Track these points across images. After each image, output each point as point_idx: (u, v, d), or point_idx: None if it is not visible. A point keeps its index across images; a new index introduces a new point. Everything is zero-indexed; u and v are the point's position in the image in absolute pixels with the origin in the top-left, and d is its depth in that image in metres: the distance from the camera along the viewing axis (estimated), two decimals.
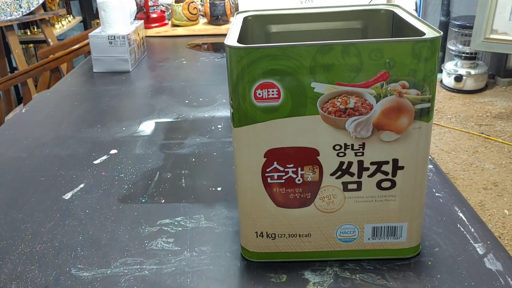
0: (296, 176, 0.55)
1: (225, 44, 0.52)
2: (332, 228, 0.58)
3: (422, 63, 0.50)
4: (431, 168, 0.81)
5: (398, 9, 0.65)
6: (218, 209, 0.72)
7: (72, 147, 0.94)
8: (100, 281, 0.59)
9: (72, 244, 0.66)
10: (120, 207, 0.74)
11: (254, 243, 0.60)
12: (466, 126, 2.81)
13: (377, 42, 0.50)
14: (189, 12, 1.84)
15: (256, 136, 0.54)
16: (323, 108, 0.52)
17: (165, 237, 0.67)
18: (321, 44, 0.50)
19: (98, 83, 1.32)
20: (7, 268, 0.62)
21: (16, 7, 2.45)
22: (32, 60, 3.11)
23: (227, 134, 0.97)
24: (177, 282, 0.59)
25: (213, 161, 0.87)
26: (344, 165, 0.55)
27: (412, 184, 0.56)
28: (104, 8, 1.37)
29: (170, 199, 0.76)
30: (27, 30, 2.98)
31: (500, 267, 0.58)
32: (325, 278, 0.58)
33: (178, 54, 1.60)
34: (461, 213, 0.69)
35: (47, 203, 0.76)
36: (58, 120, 1.08)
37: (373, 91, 0.51)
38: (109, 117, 1.08)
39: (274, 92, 0.51)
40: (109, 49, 1.36)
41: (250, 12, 0.68)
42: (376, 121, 0.52)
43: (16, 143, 0.96)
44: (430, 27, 0.55)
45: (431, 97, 0.52)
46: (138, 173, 0.84)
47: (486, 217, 2.05)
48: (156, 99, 1.18)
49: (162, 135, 0.98)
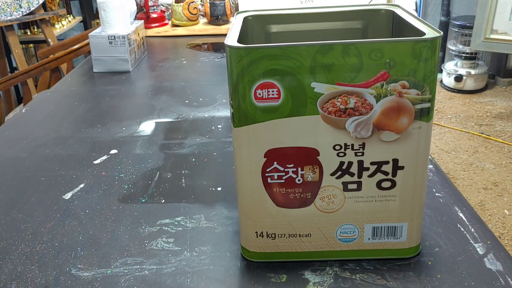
0: (296, 176, 0.55)
1: (225, 44, 0.52)
2: (332, 228, 0.58)
3: (422, 63, 0.50)
4: (431, 168, 0.81)
5: (398, 9, 0.65)
6: (218, 209, 0.72)
7: (72, 147, 0.94)
8: (100, 281, 0.59)
9: (72, 244, 0.66)
10: (120, 207, 0.74)
11: (254, 243, 0.60)
12: (466, 126, 2.81)
13: (377, 42, 0.50)
14: (189, 12, 1.84)
15: (256, 136, 0.54)
16: (323, 108, 0.52)
17: (165, 237, 0.67)
18: (321, 44, 0.50)
19: (98, 83, 1.32)
20: (7, 268, 0.62)
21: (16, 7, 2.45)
22: (32, 60, 3.11)
23: (227, 134, 0.97)
24: (177, 282, 0.59)
25: (213, 161, 0.87)
26: (344, 165, 0.55)
27: (412, 184, 0.56)
28: (104, 8, 1.37)
29: (170, 199, 0.76)
30: (27, 30, 2.98)
31: (500, 267, 0.58)
32: (325, 278, 0.58)
33: (178, 54, 1.60)
34: (461, 213, 0.69)
35: (47, 203, 0.76)
36: (58, 120, 1.08)
37: (373, 91, 0.51)
38: (109, 117, 1.08)
39: (274, 92, 0.51)
40: (109, 49, 1.36)
41: (250, 12, 0.68)
42: (376, 121, 0.52)
43: (16, 143, 0.97)
44: (430, 27, 0.55)
45: (431, 97, 0.52)
46: (138, 173, 0.84)
47: (486, 217, 2.05)
48: (156, 99, 1.18)
49: (162, 135, 0.98)
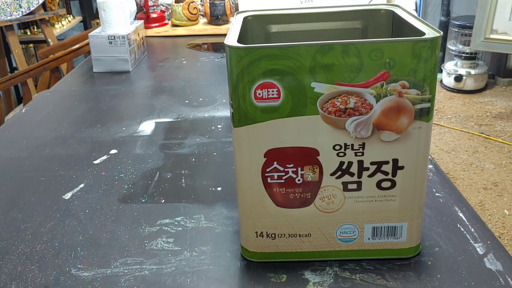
0: (296, 176, 0.55)
1: (225, 44, 0.52)
2: (332, 228, 0.58)
3: (422, 63, 0.50)
4: (431, 168, 0.81)
5: (398, 9, 0.65)
6: (218, 209, 0.72)
7: (72, 147, 0.94)
8: (100, 281, 0.59)
9: (72, 244, 0.66)
10: (120, 207, 0.74)
11: (254, 243, 0.60)
12: (466, 126, 2.81)
13: (377, 42, 0.50)
14: (189, 12, 1.84)
15: (256, 136, 0.54)
16: (323, 108, 0.52)
17: (165, 237, 0.67)
18: (321, 44, 0.50)
19: (98, 83, 1.32)
20: (7, 268, 0.62)
21: (16, 7, 2.45)
22: (32, 60, 3.11)
23: (227, 134, 0.97)
24: (177, 282, 0.59)
25: (213, 161, 0.87)
26: (344, 165, 0.55)
27: (412, 184, 0.56)
28: (104, 8, 1.37)
29: (170, 199, 0.76)
30: (27, 30, 2.98)
31: (500, 267, 0.58)
32: (325, 278, 0.58)
33: (178, 54, 1.60)
34: (461, 213, 0.69)
35: (47, 203, 0.76)
36: (58, 120, 1.08)
37: (373, 91, 0.51)
38: (109, 117, 1.08)
39: (274, 92, 0.51)
40: (109, 49, 1.36)
41: (250, 12, 0.68)
42: (376, 121, 0.52)
43: (16, 143, 0.96)
44: (430, 27, 0.55)
45: (431, 97, 0.52)
46: (138, 173, 0.84)
47: (486, 217, 2.05)
48: (156, 99, 1.18)
49: (162, 135, 0.98)
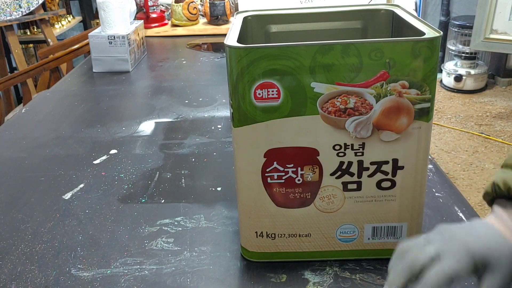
0: (296, 176, 0.55)
1: (225, 44, 0.52)
2: (332, 228, 0.58)
3: (422, 63, 0.50)
4: (431, 168, 0.81)
5: (398, 9, 0.65)
6: (218, 209, 0.72)
7: (72, 147, 0.94)
8: (100, 281, 0.59)
9: (72, 244, 0.66)
10: (120, 207, 0.74)
11: (254, 243, 0.60)
12: (466, 126, 2.81)
13: (377, 42, 0.50)
14: (189, 12, 1.84)
15: (256, 136, 0.54)
16: (323, 108, 0.52)
17: (165, 237, 0.67)
18: (321, 44, 0.50)
19: (98, 83, 1.32)
20: (7, 268, 0.62)
21: (16, 7, 2.45)
22: (32, 60, 3.10)
23: (227, 134, 0.97)
24: (177, 282, 0.59)
25: (213, 161, 0.87)
26: (344, 165, 0.55)
27: (412, 184, 0.56)
28: (104, 8, 1.36)
29: (170, 199, 0.76)
30: (27, 30, 2.98)
31: None
32: (325, 278, 0.58)
33: (178, 54, 1.60)
34: (461, 213, 0.69)
35: (47, 203, 0.76)
36: (58, 120, 1.08)
37: (373, 91, 0.51)
38: (109, 117, 1.08)
39: (274, 92, 0.51)
40: (109, 49, 1.36)
41: (250, 12, 0.68)
42: (376, 121, 0.52)
43: (16, 143, 0.96)
44: (430, 27, 0.55)
45: (431, 97, 0.52)
46: (138, 173, 0.84)
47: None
48: (156, 99, 1.18)
49: (162, 135, 0.98)
